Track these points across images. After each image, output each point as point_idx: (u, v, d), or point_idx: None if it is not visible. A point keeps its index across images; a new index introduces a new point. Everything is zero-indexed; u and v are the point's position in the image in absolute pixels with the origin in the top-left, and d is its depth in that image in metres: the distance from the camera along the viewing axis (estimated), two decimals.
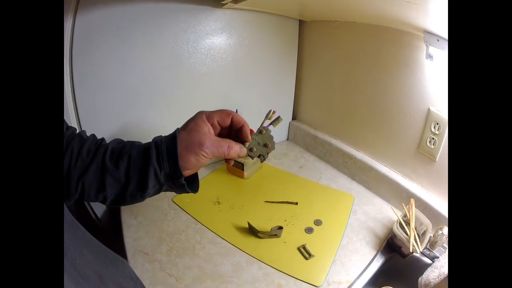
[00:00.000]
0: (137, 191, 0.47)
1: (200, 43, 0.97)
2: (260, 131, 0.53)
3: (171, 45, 0.92)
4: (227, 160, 0.53)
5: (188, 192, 0.50)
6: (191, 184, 0.51)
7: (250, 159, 0.58)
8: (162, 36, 0.90)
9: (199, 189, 0.53)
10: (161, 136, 0.48)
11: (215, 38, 0.99)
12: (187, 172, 0.48)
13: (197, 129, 0.47)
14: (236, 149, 0.49)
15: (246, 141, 0.51)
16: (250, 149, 0.52)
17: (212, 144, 0.47)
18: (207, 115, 0.49)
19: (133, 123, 0.96)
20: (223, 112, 0.50)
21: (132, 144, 0.49)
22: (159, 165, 0.45)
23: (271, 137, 0.54)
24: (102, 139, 0.50)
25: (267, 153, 0.53)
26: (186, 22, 0.92)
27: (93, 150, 0.46)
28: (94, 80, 0.84)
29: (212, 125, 0.49)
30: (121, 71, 0.88)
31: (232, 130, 0.52)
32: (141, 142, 0.50)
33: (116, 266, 0.50)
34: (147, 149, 0.46)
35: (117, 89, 0.89)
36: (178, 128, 0.48)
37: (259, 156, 0.53)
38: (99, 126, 0.90)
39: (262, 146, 0.53)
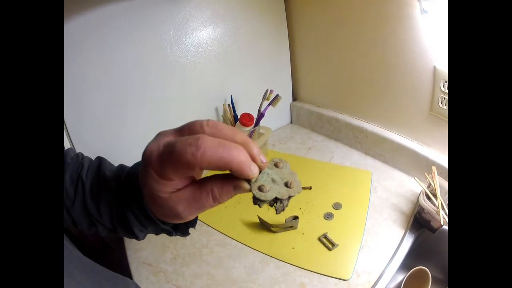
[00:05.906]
0: (129, 235, 0.40)
1: (182, 32, 0.93)
2: (275, 164, 0.32)
3: (152, 38, 0.89)
4: None
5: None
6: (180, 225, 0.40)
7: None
8: (143, 30, 0.87)
9: None
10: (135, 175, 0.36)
11: (198, 25, 0.95)
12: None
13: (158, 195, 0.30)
14: (226, 191, 0.29)
15: (250, 177, 0.29)
16: (259, 188, 0.29)
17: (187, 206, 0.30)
18: (156, 167, 0.28)
19: (125, 126, 0.93)
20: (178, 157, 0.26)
21: (106, 178, 0.40)
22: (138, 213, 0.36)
23: (294, 174, 0.32)
24: (82, 165, 0.42)
25: (289, 198, 0.31)
26: (165, 11, 0.89)
27: (75, 181, 0.41)
28: (77, 86, 0.81)
29: (168, 180, 0.29)
30: (105, 73, 0.85)
31: None
32: (113, 173, 0.41)
33: (115, 285, 0.47)
34: (121, 191, 0.38)
35: (102, 93, 0.86)
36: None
37: (274, 202, 0.30)
38: (89, 134, 0.88)
39: (280, 186, 0.31)
